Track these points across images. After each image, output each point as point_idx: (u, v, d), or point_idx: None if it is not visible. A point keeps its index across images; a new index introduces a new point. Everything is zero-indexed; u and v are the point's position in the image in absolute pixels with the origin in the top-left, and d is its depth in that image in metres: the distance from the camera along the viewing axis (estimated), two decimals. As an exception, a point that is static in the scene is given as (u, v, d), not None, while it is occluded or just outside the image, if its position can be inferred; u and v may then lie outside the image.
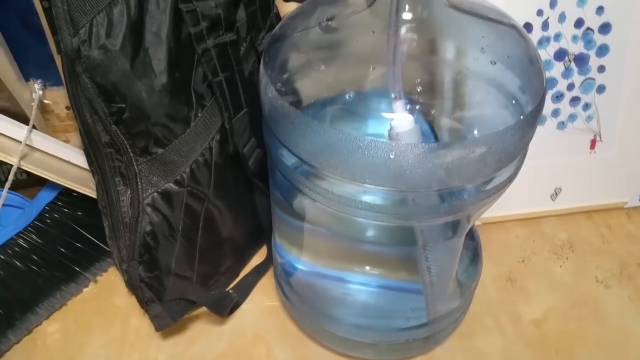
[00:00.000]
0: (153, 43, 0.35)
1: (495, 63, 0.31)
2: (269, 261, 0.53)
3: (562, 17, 0.53)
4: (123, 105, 0.35)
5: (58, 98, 0.55)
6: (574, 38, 0.54)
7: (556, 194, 0.60)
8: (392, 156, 0.29)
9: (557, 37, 0.54)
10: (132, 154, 0.39)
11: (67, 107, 0.55)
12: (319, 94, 0.32)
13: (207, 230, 0.46)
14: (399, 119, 0.30)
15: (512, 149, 0.31)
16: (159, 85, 0.36)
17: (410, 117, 0.31)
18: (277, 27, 0.36)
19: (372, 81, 0.31)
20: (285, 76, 0.32)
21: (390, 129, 0.30)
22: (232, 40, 0.39)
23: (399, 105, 0.31)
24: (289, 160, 0.34)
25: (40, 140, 0.48)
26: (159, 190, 0.41)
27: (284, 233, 0.45)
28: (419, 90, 0.32)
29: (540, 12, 0.53)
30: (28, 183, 0.54)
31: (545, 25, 0.53)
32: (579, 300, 0.52)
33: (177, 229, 0.43)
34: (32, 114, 0.49)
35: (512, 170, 0.34)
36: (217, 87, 0.40)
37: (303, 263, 0.44)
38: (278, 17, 0.45)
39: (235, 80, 0.41)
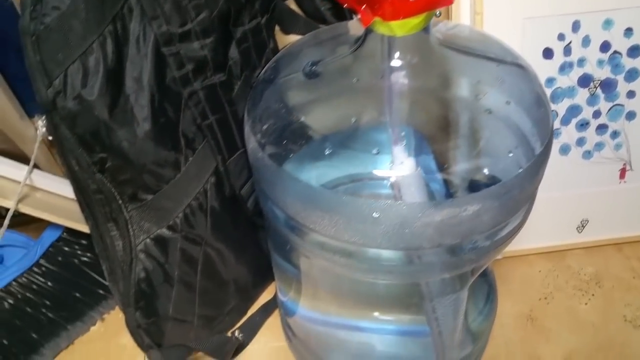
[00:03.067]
0: (134, 89, 0.34)
1: (491, 111, 0.28)
2: (276, 299, 0.51)
3: (586, 41, 0.50)
4: (104, 155, 0.34)
5: (65, 133, 0.55)
6: (600, 62, 0.50)
7: (583, 225, 0.56)
8: (375, 215, 0.26)
9: (581, 62, 0.50)
10: (120, 201, 0.37)
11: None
12: (299, 146, 0.30)
13: (206, 274, 0.44)
14: (400, 167, 0.28)
15: (511, 204, 0.28)
16: (142, 132, 0.35)
17: (410, 163, 0.28)
18: (262, 71, 0.34)
19: (359, 130, 0.29)
20: (265, 127, 0.30)
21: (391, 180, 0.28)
22: (222, 81, 0.38)
23: (398, 150, 0.29)
24: (277, 211, 0.32)
25: (41, 179, 0.48)
26: (151, 236, 0.40)
27: (281, 276, 0.43)
28: (417, 134, 0.30)
29: (561, 37, 0.49)
30: (34, 218, 0.54)
31: (567, 50, 0.49)
32: (605, 342, 0.48)
33: (172, 275, 0.42)
34: (34, 151, 0.49)
35: (517, 222, 0.31)
36: (207, 130, 0.38)
37: (301, 307, 0.42)
38: (275, 52, 0.43)
39: (228, 121, 0.39)
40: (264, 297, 0.53)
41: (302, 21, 0.44)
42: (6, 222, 0.43)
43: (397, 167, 0.29)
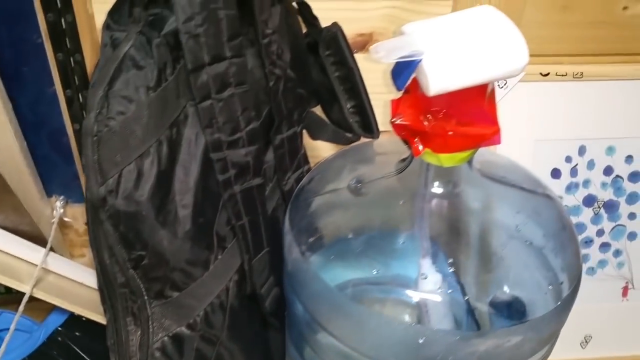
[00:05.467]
0: (180, 191, 0.35)
1: (531, 242, 0.30)
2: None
3: (591, 164, 0.53)
4: (143, 253, 0.34)
5: (78, 214, 0.55)
6: (603, 185, 0.53)
7: (586, 341, 0.57)
8: (421, 341, 0.27)
9: (586, 183, 0.53)
10: (146, 297, 0.37)
11: (85, 223, 0.55)
12: (347, 263, 0.31)
13: (216, 374, 0.43)
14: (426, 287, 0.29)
15: (548, 333, 0.29)
16: (182, 232, 0.35)
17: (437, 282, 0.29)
18: (305, 179, 0.35)
19: (400, 252, 0.30)
20: (311, 240, 0.31)
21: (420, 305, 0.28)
22: (259, 184, 0.39)
23: (432, 271, 0.30)
24: (307, 321, 0.32)
25: (56, 262, 0.47)
26: (170, 334, 0.39)
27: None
28: (451, 262, 0.31)
29: (569, 159, 0.52)
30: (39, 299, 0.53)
31: (574, 172, 0.53)
32: None
33: (184, 375, 0.41)
34: (51, 233, 0.49)
35: (545, 350, 0.32)
36: (239, 230, 0.39)
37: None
38: (305, 157, 0.45)
39: (259, 222, 0.40)
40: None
41: (331, 129, 0.47)
42: (21, 308, 0.42)
43: (423, 287, 0.30)
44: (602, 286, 0.55)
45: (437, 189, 0.31)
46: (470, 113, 0.27)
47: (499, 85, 0.49)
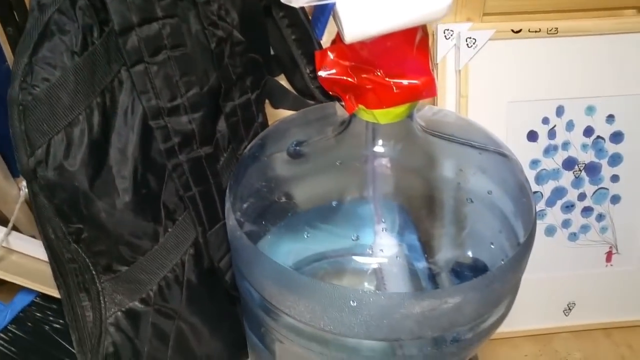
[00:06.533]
0: (117, 160, 0.33)
1: (472, 200, 0.28)
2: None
3: (569, 125, 0.51)
4: (81, 226, 0.33)
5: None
6: (584, 147, 0.51)
7: (570, 308, 0.56)
8: (353, 304, 0.25)
9: (566, 145, 0.51)
10: (94, 272, 0.36)
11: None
12: (279, 224, 0.29)
13: (178, 350, 0.42)
14: (380, 254, 0.28)
15: (494, 296, 0.28)
16: (122, 204, 0.34)
17: (392, 249, 0.28)
18: (248, 147, 0.34)
19: (340, 212, 0.29)
20: (245, 205, 0.30)
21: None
22: (208, 154, 0.38)
23: (380, 234, 0.29)
24: (253, 292, 0.31)
25: (18, 241, 0.47)
26: (123, 309, 0.38)
27: (255, 356, 0.41)
28: (402, 212, 0.29)
29: (546, 120, 0.50)
30: (5, 281, 0.52)
31: (552, 134, 0.50)
32: None
33: (142, 351, 0.40)
34: (14, 212, 0.48)
35: (500, 313, 0.30)
36: (189, 202, 0.38)
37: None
38: (264, 126, 0.44)
39: (212, 193, 0.39)
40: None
41: (292, 97, 0.45)
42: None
43: (378, 253, 0.28)
44: (585, 252, 0.54)
45: (379, 148, 0.29)
46: (399, 64, 0.25)
47: (467, 44, 0.47)
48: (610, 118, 0.51)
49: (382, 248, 0.30)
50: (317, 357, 0.29)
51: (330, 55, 0.26)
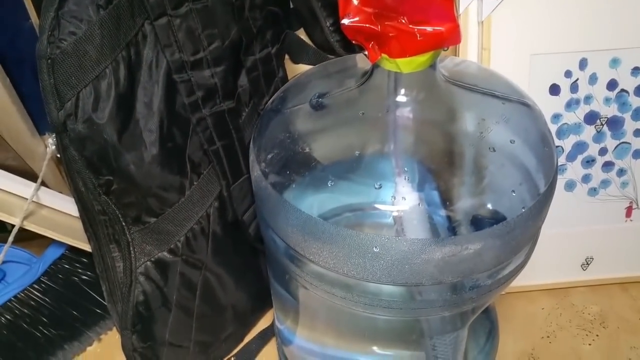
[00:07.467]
0: (144, 114, 0.34)
1: (494, 149, 0.28)
2: (274, 327, 0.51)
3: (593, 79, 0.50)
4: (111, 178, 0.34)
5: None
6: (607, 100, 0.50)
7: (587, 263, 0.56)
8: (375, 250, 0.26)
9: (588, 99, 0.50)
10: (124, 223, 0.37)
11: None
12: (303, 176, 0.30)
13: (204, 299, 0.44)
14: (402, 202, 0.28)
15: (513, 244, 0.28)
16: (149, 157, 0.35)
17: (413, 197, 0.28)
18: (270, 100, 0.34)
19: (362, 162, 0.29)
20: (270, 156, 0.30)
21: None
22: (231, 108, 0.38)
23: (401, 183, 0.29)
24: (277, 240, 0.32)
25: (48, 196, 0.48)
26: (152, 259, 0.40)
27: (279, 304, 0.42)
28: (421, 167, 0.30)
29: (568, 74, 0.49)
30: (37, 235, 0.54)
31: (574, 87, 0.50)
32: (609, 386, 0.47)
33: (171, 299, 0.41)
34: (42, 169, 0.49)
35: (519, 261, 0.31)
36: (213, 156, 0.38)
37: (298, 337, 0.41)
38: (284, 81, 0.44)
39: (235, 148, 0.40)
40: (262, 324, 0.53)
41: (312, 51, 0.45)
42: (10, 238, 0.44)
43: (400, 201, 0.29)
44: (604, 207, 0.53)
45: (401, 97, 0.29)
46: (424, 10, 0.25)
47: (489, -5, 0.46)
48: (636, 70, 0.50)
49: (404, 196, 0.30)
50: (339, 301, 0.30)
51: (355, 1, 0.26)
